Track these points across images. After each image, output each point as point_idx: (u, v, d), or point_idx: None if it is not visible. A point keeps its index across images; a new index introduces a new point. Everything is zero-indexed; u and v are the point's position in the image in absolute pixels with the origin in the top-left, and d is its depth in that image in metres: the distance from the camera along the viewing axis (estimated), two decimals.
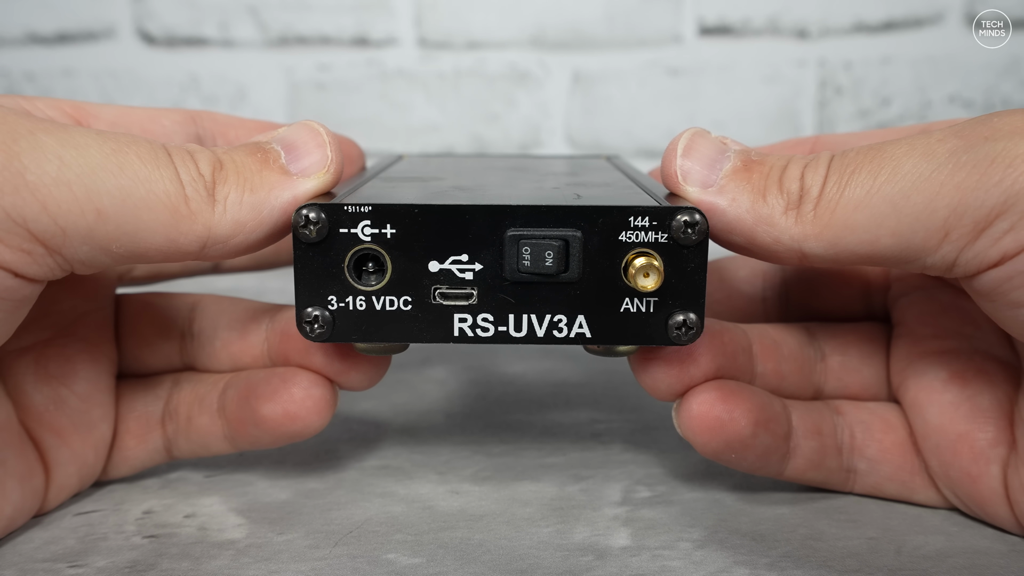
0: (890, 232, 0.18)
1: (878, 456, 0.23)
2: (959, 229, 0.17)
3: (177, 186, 0.19)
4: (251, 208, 0.20)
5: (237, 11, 0.60)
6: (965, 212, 0.17)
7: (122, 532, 0.23)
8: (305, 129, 0.21)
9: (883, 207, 0.18)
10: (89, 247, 0.18)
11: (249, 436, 0.24)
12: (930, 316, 0.23)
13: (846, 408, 0.24)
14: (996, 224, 0.17)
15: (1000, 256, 0.17)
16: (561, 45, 0.61)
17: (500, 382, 0.33)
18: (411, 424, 0.30)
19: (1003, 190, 0.17)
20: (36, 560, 0.21)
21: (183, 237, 0.19)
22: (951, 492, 0.22)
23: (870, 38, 0.61)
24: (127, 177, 0.18)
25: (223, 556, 0.21)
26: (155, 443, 0.25)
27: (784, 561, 0.21)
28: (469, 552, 0.21)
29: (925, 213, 0.17)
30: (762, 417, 0.22)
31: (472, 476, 0.26)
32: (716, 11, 0.60)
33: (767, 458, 0.22)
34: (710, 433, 0.21)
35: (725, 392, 0.22)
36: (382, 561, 0.21)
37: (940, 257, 0.18)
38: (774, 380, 0.23)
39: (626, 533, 0.22)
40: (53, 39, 0.61)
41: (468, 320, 0.20)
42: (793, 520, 0.23)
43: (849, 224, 0.18)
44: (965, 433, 0.22)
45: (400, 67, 0.61)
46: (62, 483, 0.23)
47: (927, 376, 0.23)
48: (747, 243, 0.20)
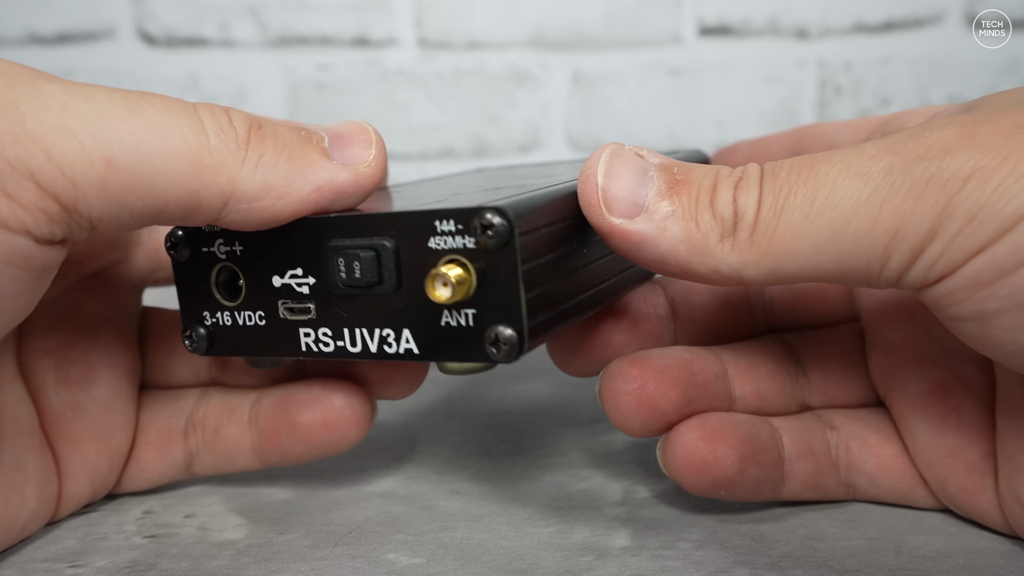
0: (832, 258, 0.17)
1: (876, 471, 0.23)
2: (898, 255, 0.17)
3: (199, 134, 0.18)
4: (285, 174, 0.18)
5: (237, 11, 0.60)
6: (904, 238, 0.17)
7: (122, 532, 0.23)
8: (353, 124, 0.20)
9: (823, 233, 0.17)
10: (104, 200, 0.17)
11: (282, 447, 0.23)
12: (898, 320, 0.23)
13: (839, 421, 0.23)
14: (930, 248, 0.17)
15: (935, 277, 0.17)
16: (561, 45, 0.60)
17: (500, 382, 0.33)
18: (411, 424, 0.30)
19: (936, 214, 0.16)
20: (36, 560, 0.21)
21: (205, 190, 0.18)
22: (950, 503, 0.22)
23: (870, 38, 0.61)
24: (139, 123, 0.17)
25: (223, 556, 0.21)
26: (175, 457, 0.24)
27: (784, 561, 0.21)
28: (469, 552, 0.21)
29: (867, 240, 0.17)
30: (748, 451, 0.21)
31: (472, 476, 0.26)
32: (716, 11, 0.60)
33: (759, 488, 0.22)
34: (696, 475, 0.21)
35: (708, 431, 0.21)
36: (382, 561, 0.21)
37: (884, 279, 0.18)
38: (754, 402, 0.23)
39: (626, 533, 0.22)
40: (53, 39, 0.61)
41: (311, 335, 0.20)
42: (793, 520, 0.23)
43: (789, 251, 0.18)
44: (956, 448, 0.21)
45: (400, 67, 0.61)
46: (73, 492, 0.23)
47: (908, 389, 0.22)
48: (682, 273, 0.19)
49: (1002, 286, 0.16)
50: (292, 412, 0.23)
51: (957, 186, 0.16)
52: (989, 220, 0.16)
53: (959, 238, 0.16)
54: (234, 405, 0.24)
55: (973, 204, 0.16)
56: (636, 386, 0.21)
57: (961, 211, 0.16)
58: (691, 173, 0.19)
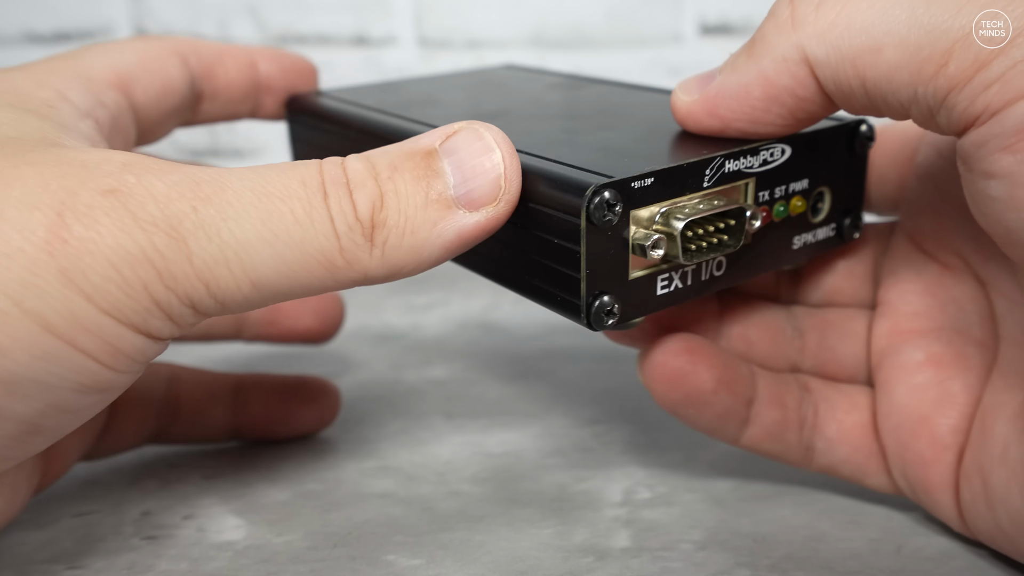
0: (898, 41, 0.17)
1: (836, 436, 0.23)
2: (961, 60, 0.16)
3: (333, 241, 0.17)
4: (410, 250, 0.18)
5: (236, 10, 0.60)
6: (972, 43, 0.16)
7: (120, 533, 0.23)
8: (478, 143, 0.18)
9: (900, 10, 0.17)
10: (239, 310, 0.18)
11: (270, 434, 0.27)
12: (913, 294, 0.23)
13: (815, 385, 0.23)
14: (991, 66, 0.16)
15: (982, 110, 0.16)
16: (561, 44, 0.60)
17: (500, 382, 0.33)
18: (411, 424, 0.29)
19: (1013, 25, 0.16)
20: (34, 562, 0.21)
21: (337, 285, 0.18)
22: (902, 476, 0.22)
23: None
24: (283, 243, 0.17)
25: (221, 557, 0.21)
26: (146, 433, 0.26)
27: (786, 562, 0.21)
28: (469, 553, 0.21)
29: (940, 29, 0.16)
30: (725, 376, 0.21)
31: (472, 476, 0.26)
32: (717, 10, 0.60)
33: (725, 419, 0.22)
34: (670, 384, 0.21)
35: (691, 345, 0.21)
36: (381, 562, 0.21)
37: (933, 90, 0.17)
38: (741, 345, 0.23)
39: (627, 534, 0.22)
40: (51, 39, 0.61)
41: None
42: (795, 521, 0.23)
43: (856, 22, 0.17)
44: (928, 416, 0.21)
45: (400, 66, 0.61)
46: (64, 458, 0.23)
47: (903, 356, 0.22)
48: (765, 86, 0.18)
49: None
50: (289, 407, 0.28)
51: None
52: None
53: (1022, 64, 0.15)
54: (215, 389, 0.27)
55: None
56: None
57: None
58: None
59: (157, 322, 0.17)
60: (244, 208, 0.17)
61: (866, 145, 0.22)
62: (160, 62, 0.24)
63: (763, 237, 0.21)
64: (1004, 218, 0.17)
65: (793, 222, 0.22)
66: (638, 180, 0.18)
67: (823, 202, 0.22)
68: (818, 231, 0.23)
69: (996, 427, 0.20)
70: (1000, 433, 0.20)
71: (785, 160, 0.21)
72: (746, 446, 0.23)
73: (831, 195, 0.22)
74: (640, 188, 0.18)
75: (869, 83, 0.17)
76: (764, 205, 0.21)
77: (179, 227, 0.17)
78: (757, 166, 0.20)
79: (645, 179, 0.18)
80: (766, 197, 0.21)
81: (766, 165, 0.20)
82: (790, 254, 0.22)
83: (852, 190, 0.23)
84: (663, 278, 0.20)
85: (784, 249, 0.22)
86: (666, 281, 0.20)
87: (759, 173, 0.20)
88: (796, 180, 0.21)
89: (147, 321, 0.17)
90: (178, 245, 0.16)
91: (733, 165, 0.20)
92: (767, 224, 0.21)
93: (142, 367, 0.18)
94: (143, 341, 0.17)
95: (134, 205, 0.16)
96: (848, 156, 0.22)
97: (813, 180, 0.22)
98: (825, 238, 0.23)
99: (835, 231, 0.23)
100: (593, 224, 0.18)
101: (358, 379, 0.34)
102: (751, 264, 0.21)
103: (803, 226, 0.22)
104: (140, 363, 0.18)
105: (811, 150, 0.21)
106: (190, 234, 0.17)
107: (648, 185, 0.18)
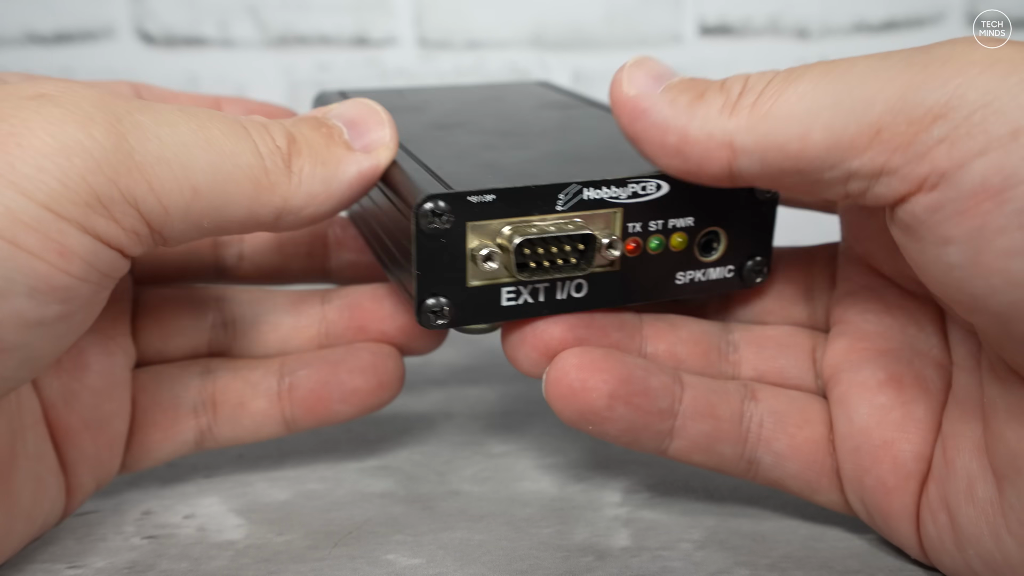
0: (824, 125, 0.16)
1: (786, 452, 0.21)
2: (892, 128, 0.16)
3: (257, 158, 0.19)
4: (322, 180, 0.20)
5: (236, 10, 0.60)
6: (903, 109, 0.15)
7: (121, 533, 0.23)
8: (362, 106, 0.22)
9: (824, 99, 0.17)
10: (185, 224, 0.18)
11: (327, 413, 0.24)
12: (873, 314, 0.22)
13: (764, 394, 0.22)
14: (931, 129, 0.15)
15: (929, 171, 0.15)
16: (561, 44, 0.60)
17: (500, 382, 0.33)
18: (411, 424, 0.30)
19: (948, 91, 0.15)
20: (35, 561, 0.21)
21: (262, 208, 0.19)
22: (858, 499, 0.21)
23: (871, 38, 0.61)
24: (215, 152, 0.18)
25: (222, 557, 0.21)
26: (184, 436, 0.24)
27: (785, 562, 0.21)
28: (469, 553, 0.21)
29: (863, 106, 0.16)
30: (623, 390, 0.20)
31: (472, 476, 0.26)
32: (717, 11, 0.60)
33: (635, 434, 0.21)
34: (563, 400, 0.21)
35: (585, 360, 0.21)
36: (382, 562, 0.21)
37: (868, 160, 0.16)
38: (669, 362, 0.22)
39: (626, 534, 0.22)
40: (51, 39, 0.61)
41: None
42: (794, 520, 0.23)
43: (784, 114, 0.17)
44: (891, 441, 0.20)
45: (400, 67, 0.61)
46: (77, 484, 0.23)
47: (862, 374, 0.21)
48: (680, 141, 0.18)
49: (1012, 197, 0.14)
50: (344, 379, 0.24)
51: (977, 70, 0.15)
52: (1008, 112, 0.14)
53: (968, 124, 0.15)
54: (256, 380, 0.25)
55: (990, 91, 0.15)
56: (528, 325, 0.21)
57: (974, 95, 0.15)
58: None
59: (101, 220, 0.17)
60: (176, 120, 0.18)
61: (769, 192, 0.22)
62: None
63: (637, 267, 0.21)
64: (969, 285, 0.16)
65: (674, 257, 0.22)
66: (477, 195, 0.20)
67: (718, 243, 0.22)
68: (710, 271, 0.22)
69: (958, 460, 0.19)
70: (963, 467, 0.19)
71: (662, 195, 0.21)
72: (675, 458, 0.22)
73: (727, 237, 0.22)
74: (480, 203, 0.20)
75: (803, 164, 0.17)
76: (635, 236, 0.21)
77: (118, 124, 0.17)
78: (625, 197, 0.21)
79: (485, 195, 0.20)
80: (637, 229, 0.21)
81: (636, 198, 0.21)
82: (673, 288, 0.22)
83: (757, 235, 0.22)
84: (509, 291, 0.21)
85: (664, 282, 0.22)
86: (512, 294, 0.21)
87: (628, 204, 0.21)
88: (677, 217, 0.21)
89: (89, 217, 0.17)
90: (118, 139, 0.17)
91: (594, 194, 0.20)
92: (640, 255, 0.21)
93: (103, 278, 0.18)
94: (91, 242, 0.17)
95: (66, 104, 0.17)
96: (750, 201, 0.22)
97: (701, 219, 0.22)
98: (720, 279, 0.22)
99: (733, 273, 0.23)
100: (421, 230, 0.19)
101: None
102: (622, 292, 0.22)
103: (688, 263, 0.22)
104: (97, 270, 0.17)
105: (698, 190, 0.21)
106: (129, 131, 0.17)
107: (489, 201, 0.20)
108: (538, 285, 0.21)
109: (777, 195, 0.22)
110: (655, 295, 0.22)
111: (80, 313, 0.18)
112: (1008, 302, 0.15)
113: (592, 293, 0.21)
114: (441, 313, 0.20)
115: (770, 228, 0.22)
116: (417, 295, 0.20)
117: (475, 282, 0.20)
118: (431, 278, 0.20)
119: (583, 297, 0.21)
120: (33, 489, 0.20)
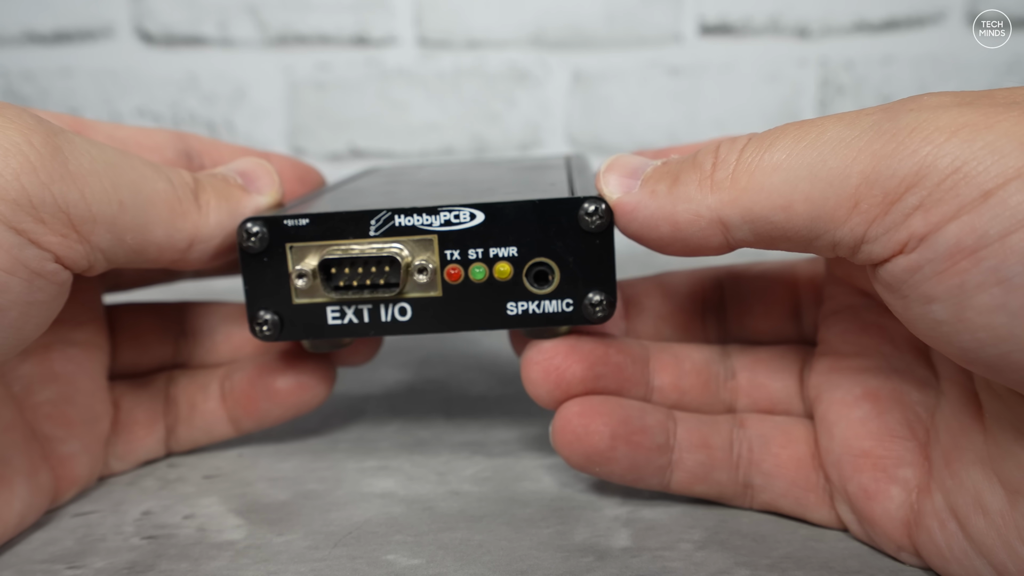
0: (803, 197, 0.17)
1: (772, 471, 0.22)
2: (869, 199, 0.16)
3: (171, 187, 0.22)
4: (228, 213, 0.23)
5: (236, 10, 0.60)
6: (877, 180, 0.16)
7: (120, 533, 0.23)
8: (251, 163, 0.25)
9: (800, 171, 0.17)
10: (111, 236, 0.20)
11: (259, 412, 0.26)
12: (852, 334, 0.23)
13: (751, 421, 0.23)
14: (905, 198, 0.16)
15: (907, 237, 0.16)
16: (561, 44, 0.60)
17: (500, 383, 0.33)
18: (411, 425, 0.30)
19: (917, 160, 0.16)
20: (34, 561, 0.21)
21: (178, 233, 0.22)
22: (846, 509, 0.21)
23: (871, 37, 0.61)
24: (137, 173, 0.21)
25: (222, 557, 0.21)
26: (159, 434, 0.27)
27: (785, 562, 0.21)
28: (469, 553, 0.21)
29: (839, 178, 0.17)
30: (622, 431, 0.22)
31: (472, 476, 0.26)
32: (717, 10, 0.60)
33: (639, 471, 0.22)
34: (570, 447, 0.22)
35: (587, 407, 0.22)
36: (382, 562, 0.21)
37: (849, 230, 0.17)
38: (673, 394, 0.24)
39: (627, 534, 0.22)
40: (51, 38, 0.61)
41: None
42: (794, 521, 0.23)
43: (764, 187, 0.18)
44: (869, 450, 0.21)
45: (400, 66, 0.61)
46: (75, 474, 0.24)
47: (840, 391, 0.22)
48: (673, 229, 0.19)
49: (987, 255, 0.15)
50: (269, 381, 0.26)
51: (943, 137, 0.16)
52: (976, 176, 0.15)
53: (939, 191, 0.15)
54: (205, 383, 0.27)
55: (958, 157, 0.15)
56: (545, 357, 0.23)
57: (944, 162, 0.15)
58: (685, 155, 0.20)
59: (28, 219, 0.18)
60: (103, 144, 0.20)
61: (598, 224, 0.21)
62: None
63: (461, 295, 0.22)
64: (957, 339, 0.16)
65: (502, 287, 0.22)
66: (292, 219, 0.22)
67: (552, 275, 0.22)
68: (545, 303, 0.22)
69: (963, 472, 0.19)
70: (970, 479, 0.19)
71: (477, 224, 0.21)
72: (678, 491, 0.23)
73: (560, 270, 0.22)
74: (295, 226, 0.22)
75: (790, 233, 0.18)
76: (455, 264, 0.22)
77: (55, 137, 0.19)
78: (438, 225, 0.21)
79: (300, 219, 0.22)
80: (456, 256, 0.22)
81: (450, 226, 0.21)
82: (506, 318, 0.22)
83: (593, 268, 0.22)
84: (333, 310, 0.22)
85: (495, 312, 0.22)
86: (337, 314, 0.22)
87: (442, 232, 0.22)
88: (498, 246, 0.22)
89: (16, 214, 0.18)
90: (54, 150, 0.19)
91: (405, 220, 0.22)
92: (462, 283, 0.22)
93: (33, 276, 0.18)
94: (15, 236, 0.18)
95: (10, 115, 0.19)
96: (578, 233, 0.21)
97: (526, 250, 0.22)
98: (558, 312, 0.22)
99: (572, 307, 0.22)
100: (242, 248, 0.22)
101: (358, 379, 0.34)
102: (450, 318, 0.22)
103: (519, 294, 0.22)
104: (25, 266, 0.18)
105: (517, 220, 0.21)
106: (64, 145, 0.19)
107: (303, 225, 0.22)
108: (361, 306, 0.22)
109: (610, 227, 0.21)
110: (485, 324, 0.22)
111: (14, 310, 0.18)
112: (997, 355, 0.16)
113: (417, 317, 0.22)
114: (267, 326, 0.22)
115: (608, 261, 0.22)
116: (248, 308, 0.22)
117: (301, 300, 0.22)
118: (258, 293, 0.22)
119: (408, 321, 0.22)
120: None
